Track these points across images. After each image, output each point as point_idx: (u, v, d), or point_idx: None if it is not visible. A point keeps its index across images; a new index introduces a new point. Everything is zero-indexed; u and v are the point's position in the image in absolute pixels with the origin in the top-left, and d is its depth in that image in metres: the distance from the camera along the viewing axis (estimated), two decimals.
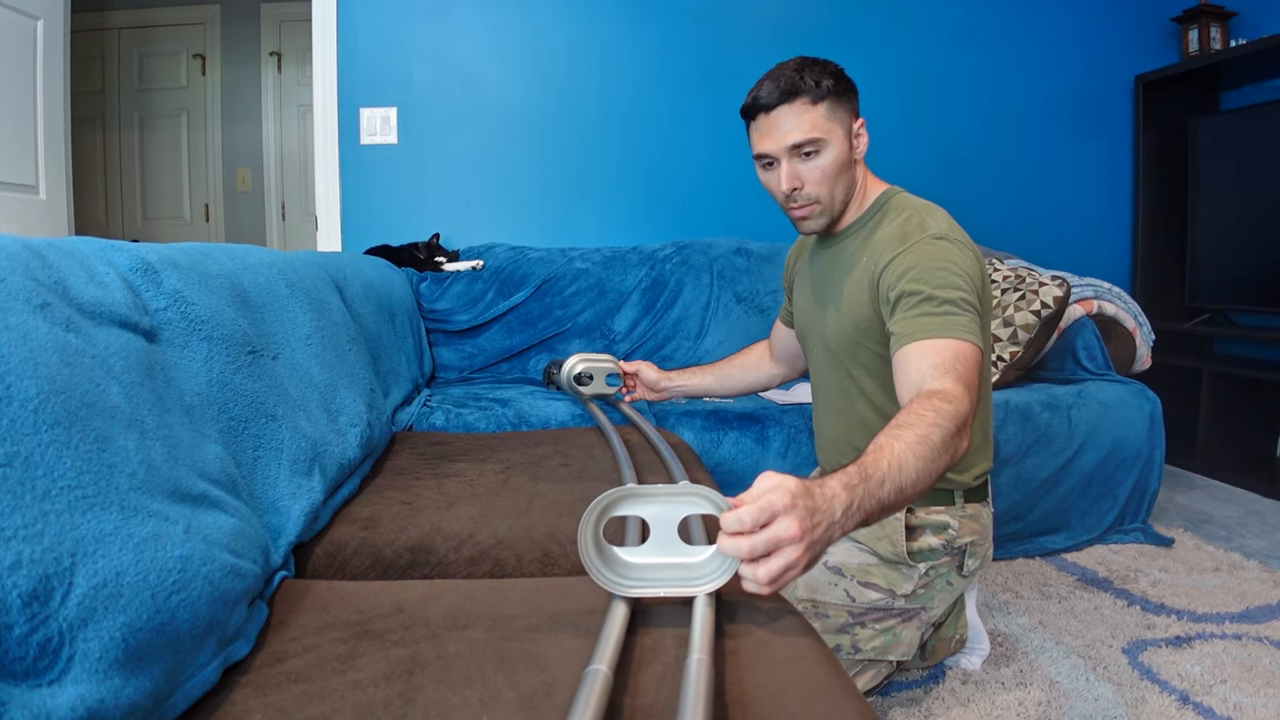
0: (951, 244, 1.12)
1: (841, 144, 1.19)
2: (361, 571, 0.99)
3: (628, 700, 0.62)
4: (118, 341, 0.72)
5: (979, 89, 2.91)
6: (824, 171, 1.18)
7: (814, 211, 1.22)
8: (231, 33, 4.13)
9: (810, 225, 1.24)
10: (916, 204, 1.22)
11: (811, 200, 1.21)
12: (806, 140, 1.16)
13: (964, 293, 1.06)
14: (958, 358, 1.00)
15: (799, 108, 1.16)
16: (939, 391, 0.94)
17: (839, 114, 1.18)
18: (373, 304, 1.73)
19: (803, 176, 1.19)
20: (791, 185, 1.19)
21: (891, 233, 1.18)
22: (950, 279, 1.07)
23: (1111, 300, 2.27)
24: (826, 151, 1.17)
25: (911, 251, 1.12)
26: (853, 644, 1.23)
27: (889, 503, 0.81)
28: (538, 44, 2.76)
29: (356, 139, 2.71)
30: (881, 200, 1.25)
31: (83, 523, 0.56)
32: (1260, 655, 1.42)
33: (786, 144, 1.17)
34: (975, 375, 1.01)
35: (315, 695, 0.63)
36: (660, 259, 2.52)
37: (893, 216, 1.21)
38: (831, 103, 1.17)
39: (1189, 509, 2.30)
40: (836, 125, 1.18)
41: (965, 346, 1.02)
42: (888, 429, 0.88)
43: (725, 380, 1.67)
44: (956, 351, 1.01)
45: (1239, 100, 2.87)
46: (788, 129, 1.16)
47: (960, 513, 1.24)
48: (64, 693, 0.49)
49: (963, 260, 1.10)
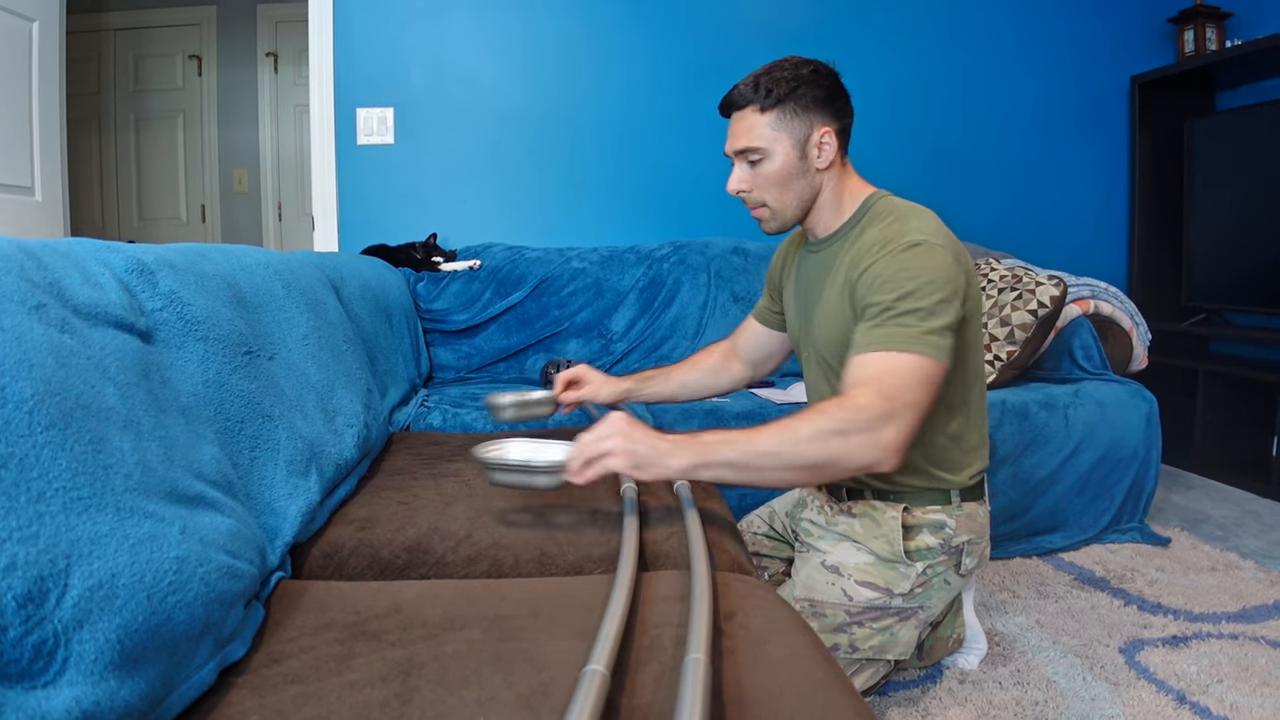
0: (927, 248, 1.10)
1: (788, 154, 1.18)
2: (358, 572, 0.99)
3: (625, 700, 0.62)
4: (113, 342, 0.72)
5: (975, 90, 2.92)
6: (767, 179, 1.19)
7: (764, 215, 1.24)
8: (227, 33, 4.12)
9: (766, 228, 1.26)
10: (902, 207, 1.21)
11: (759, 204, 1.23)
12: (749, 148, 1.18)
13: (924, 302, 1.06)
14: (890, 370, 1.03)
15: (747, 114, 1.18)
16: (842, 397, 1.02)
17: (791, 123, 1.17)
18: (370, 304, 1.73)
19: (749, 181, 1.21)
20: (736, 188, 1.22)
21: (872, 239, 1.17)
22: (914, 287, 1.07)
23: (1108, 300, 2.28)
24: (770, 160, 1.18)
25: (885, 259, 1.11)
26: (850, 643, 1.23)
27: (735, 460, 0.98)
28: (535, 44, 2.76)
29: (353, 139, 2.71)
30: (866, 205, 1.24)
31: (78, 524, 0.55)
32: (1256, 654, 1.42)
33: (734, 148, 1.20)
34: (907, 385, 1.03)
35: (312, 696, 0.63)
36: (658, 258, 2.52)
37: (877, 222, 1.20)
38: (782, 112, 1.16)
39: (1185, 509, 2.30)
40: (783, 135, 1.17)
41: (910, 359, 1.04)
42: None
43: (686, 389, 1.54)
44: (892, 365, 1.04)
45: (1235, 101, 2.87)
46: (735, 134, 1.20)
47: (957, 512, 1.25)
48: (59, 695, 0.49)
49: (934, 265, 1.09)
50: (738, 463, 0.98)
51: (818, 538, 1.32)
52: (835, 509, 1.32)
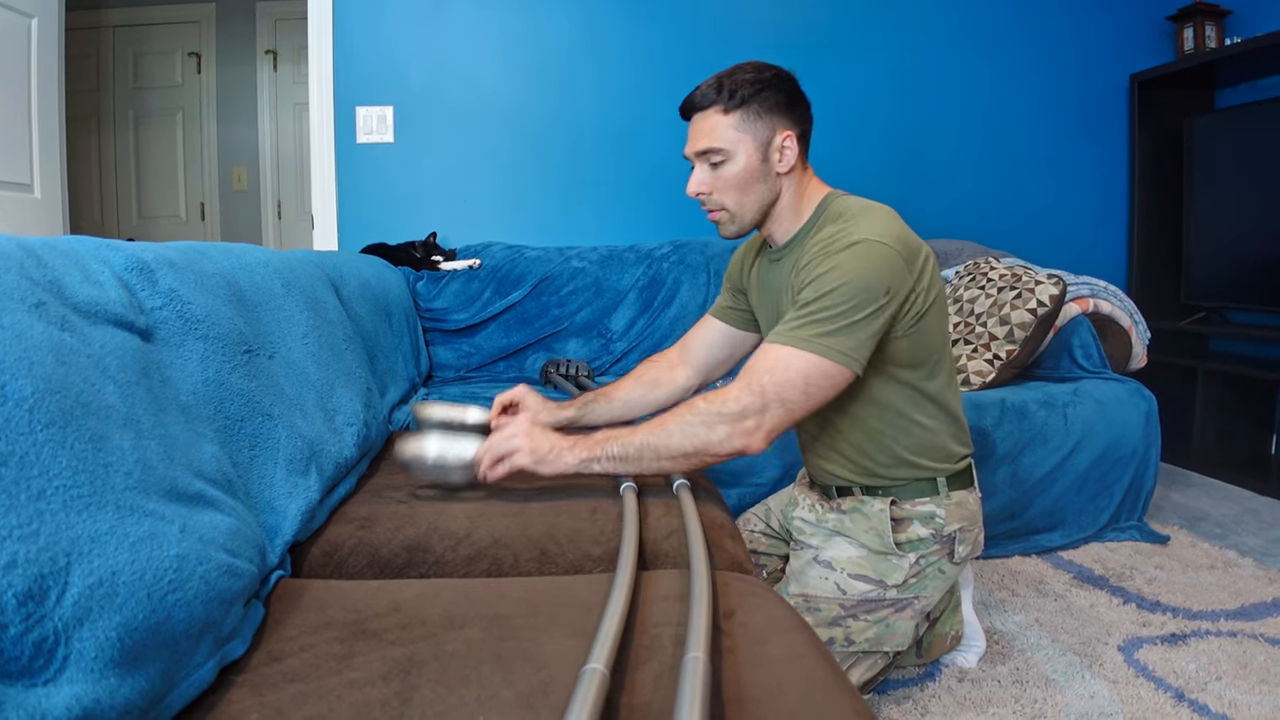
0: (865, 247, 1.09)
1: (751, 155, 1.17)
2: (358, 571, 0.99)
3: (625, 699, 0.62)
4: (113, 341, 0.72)
5: (974, 88, 2.91)
6: (728, 181, 1.19)
7: (723, 218, 1.23)
8: (227, 31, 4.12)
9: (723, 231, 1.25)
10: (855, 207, 1.19)
11: (718, 207, 1.22)
12: (710, 149, 1.17)
13: (841, 306, 1.07)
14: (774, 367, 1.09)
15: (710, 115, 1.17)
16: (717, 390, 1.10)
17: (754, 125, 1.17)
18: (369, 303, 1.73)
19: (709, 183, 1.20)
20: (696, 190, 1.21)
21: (818, 239, 1.15)
22: (835, 288, 1.07)
23: (1107, 298, 2.28)
24: (732, 162, 1.17)
25: (820, 259, 1.11)
26: (846, 636, 1.23)
27: (618, 454, 1.10)
28: (535, 42, 2.76)
29: (353, 138, 2.71)
30: (822, 207, 1.22)
31: (78, 522, 0.55)
32: (1255, 652, 1.42)
33: (695, 149, 1.19)
34: (787, 383, 1.08)
35: (311, 695, 0.63)
36: (657, 257, 2.52)
37: (828, 224, 1.18)
38: (745, 114, 1.16)
39: (1185, 507, 2.30)
40: (747, 136, 1.17)
41: (804, 357, 1.08)
42: None
43: (630, 406, 1.44)
44: (780, 362, 1.08)
45: (1234, 99, 2.87)
46: (696, 135, 1.19)
47: (946, 501, 1.25)
48: (59, 693, 0.49)
49: (866, 267, 1.08)
50: (619, 456, 1.10)
51: (809, 534, 1.32)
52: (825, 506, 1.32)
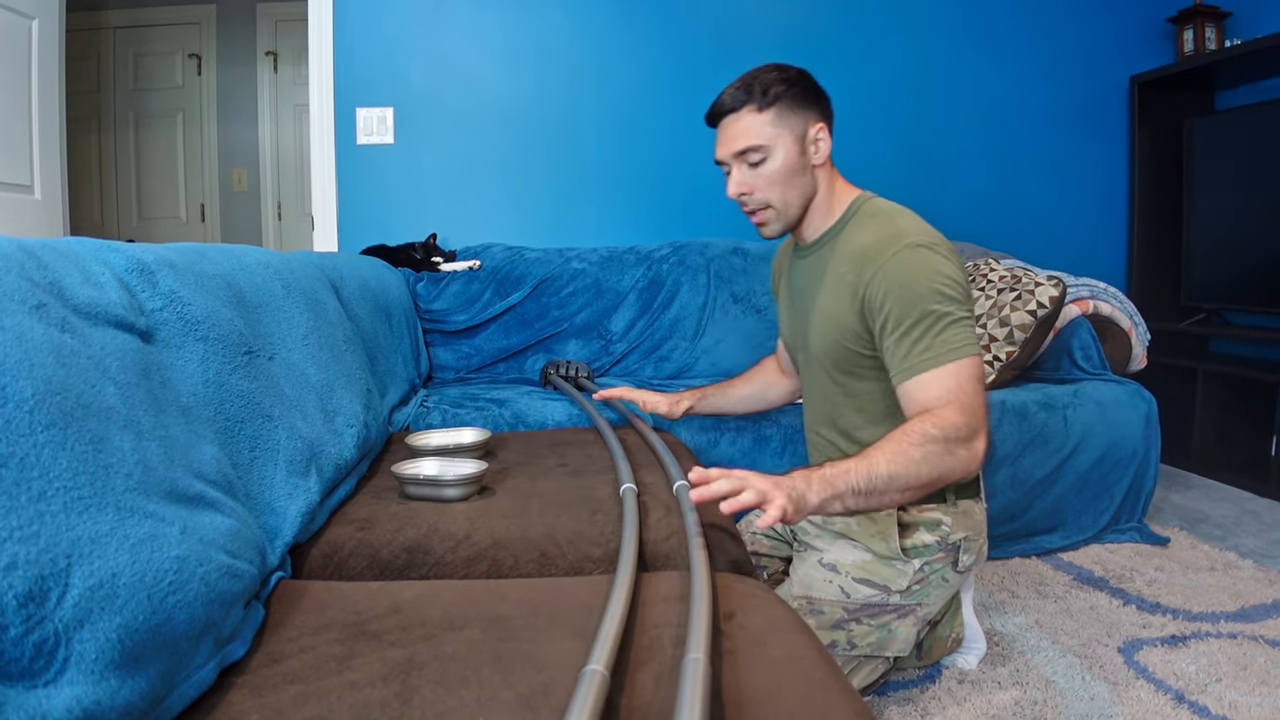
0: (931, 251, 1.12)
1: (790, 150, 1.19)
2: (358, 572, 0.99)
3: (625, 700, 0.62)
4: (113, 342, 0.72)
5: (974, 89, 2.92)
6: (770, 178, 1.20)
7: (769, 217, 1.24)
8: (227, 32, 4.12)
9: (768, 230, 1.26)
10: (888, 209, 1.22)
11: (763, 205, 1.23)
12: (750, 147, 1.18)
13: (954, 304, 1.10)
14: (959, 385, 1.07)
15: (745, 115, 1.18)
16: (932, 414, 1.05)
17: (789, 120, 1.19)
18: (369, 304, 1.73)
19: (750, 183, 1.21)
20: (739, 191, 1.22)
21: (869, 241, 1.17)
22: (939, 292, 1.10)
23: (1107, 300, 2.28)
24: (772, 158, 1.19)
25: (895, 263, 1.12)
26: (848, 640, 1.23)
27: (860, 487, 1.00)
28: (535, 44, 2.76)
29: (353, 139, 2.71)
30: (854, 206, 1.25)
31: (79, 524, 0.55)
32: (1255, 654, 1.42)
33: (733, 150, 1.20)
34: (975, 393, 1.07)
35: (312, 696, 0.63)
36: (657, 259, 2.52)
37: (867, 223, 1.21)
38: (780, 109, 1.18)
39: (1184, 508, 2.30)
40: (784, 132, 1.19)
41: (963, 366, 1.08)
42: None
43: (743, 403, 1.61)
44: (958, 379, 1.07)
45: (1234, 100, 2.87)
46: (732, 136, 1.20)
47: (952, 509, 1.25)
48: (60, 694, 0.49)
49: (945, 267, 1.12)
50: (861, 489, 1.00)
51: (815, 536, 1.32)
52: None
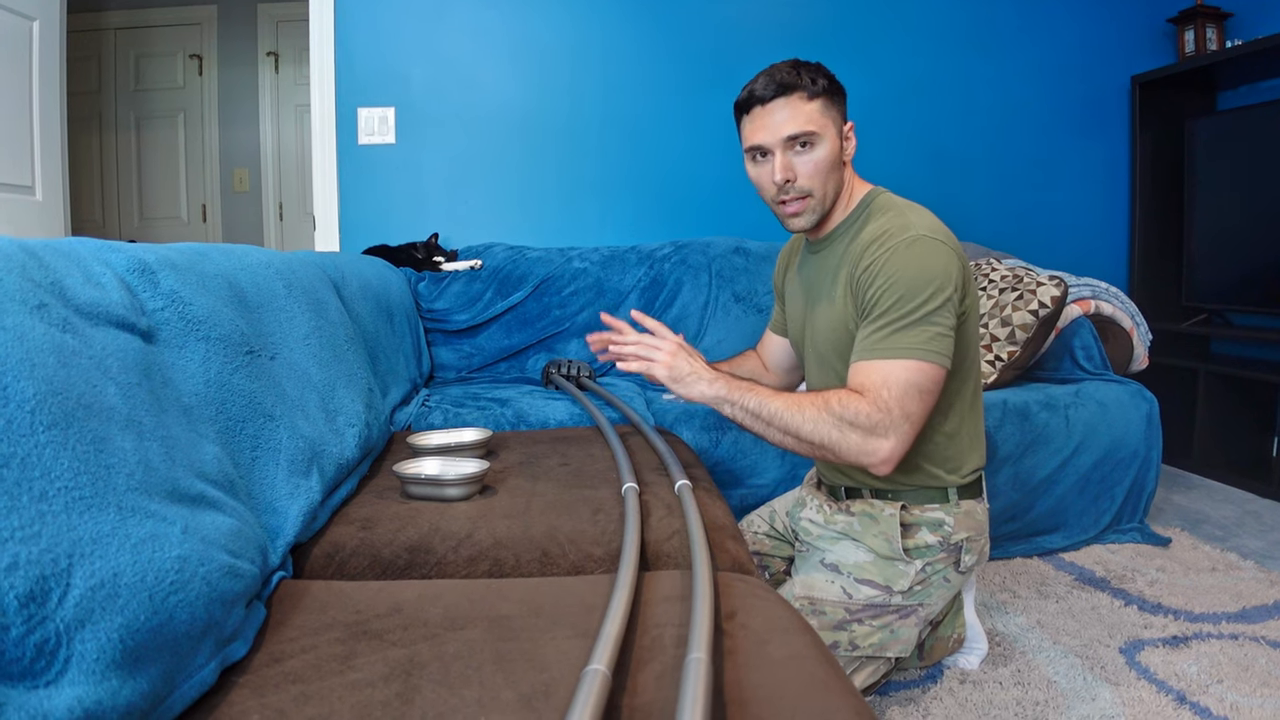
0: (928, 244, 1.12)
1: (834, 141, 1.20)
2: (359, 572, 0.99)
3: (626, 700, 0.62)
4: (115, 342, 0.72)
5: (976, 90, 2.92)
6: (817, 165, 1.19)
7: (806, 206, 1.22)
8: (228, 33, 4.12)
9: (800, 222, 1.24)
10: (900, 204, 1.23)
11: (804, 194, 1.21)
12: (803, 132, 1.17)
13: (927, 306, 1.09)
14: (887, 381, 1.09)
15: (795, 101, 1.18)
16: (844, 391, 1.11)
17: (831, 112, 1.20)
18: (371, 304, 1.73)
19: (796, 169, 1.20)
20: (785, 176, 1.20)
21: (872, 233, 1.18)
22: (920, 291, 1.09)
23: (1109, 300, 2.28)
24: (820, 146, 1.19)
25: (888, 255, 1.13)
26: (850, 641, 1.23)
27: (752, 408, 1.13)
28: (536, 43, 2.76)
29: (354, 139, 2.71)
30: (867, 201, 1.26)
31: (80, 524, 0.55)
32: (1256, 655, 1.42)
33: (782, 135, 1.18)
34: (901, 395, 1.08)
35: (313, 696, 0.63)
36: (659, 258, 2.52)
37: (876, 217, 1.21)
38: (825, 100, 1.19)
39: (1186, 509, 2.30)
40: (829, 122, 1.20)
41: (905, 365, 1.09)
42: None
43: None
44: (891, 375, 1.09)
45: (1235, 101, 2.87)
46: (782, 120, 1.18)
47: (955, 510, 1.25)
48: (61, 694, 0.49)
49: (936, 263, 1.11)
50: (754, 411, 1.13)
51: (817, 536, 1.32)
52: (834, 508, 1.32)
